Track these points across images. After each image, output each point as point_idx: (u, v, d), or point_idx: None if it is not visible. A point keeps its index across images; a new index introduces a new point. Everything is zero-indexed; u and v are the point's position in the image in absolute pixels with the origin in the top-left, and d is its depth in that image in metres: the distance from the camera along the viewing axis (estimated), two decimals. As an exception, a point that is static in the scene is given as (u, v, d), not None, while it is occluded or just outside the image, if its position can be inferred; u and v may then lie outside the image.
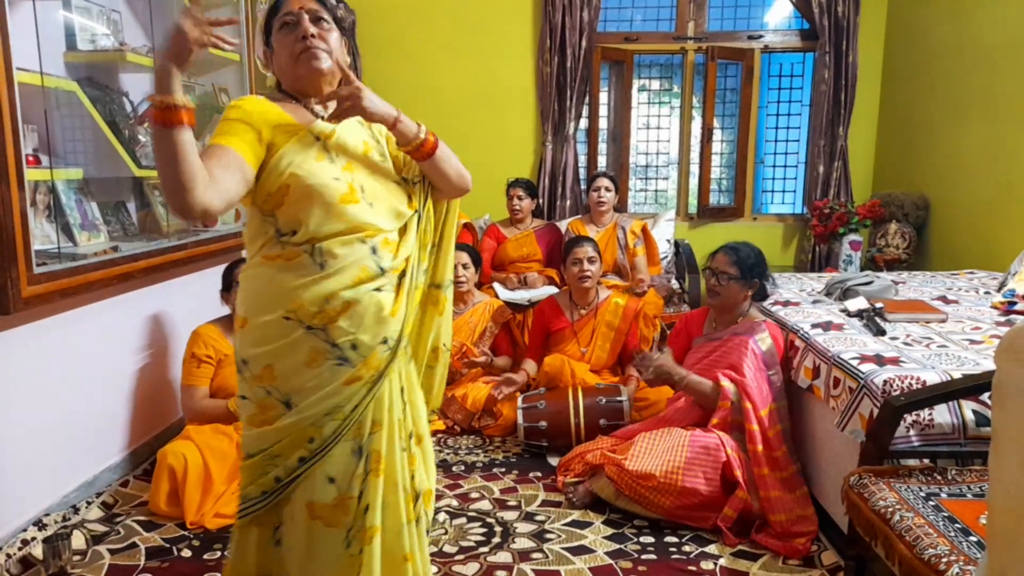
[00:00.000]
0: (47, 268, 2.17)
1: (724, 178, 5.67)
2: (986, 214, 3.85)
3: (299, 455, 1.46)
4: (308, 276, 1.43)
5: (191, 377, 2.63)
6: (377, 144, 1.61)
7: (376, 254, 1.49)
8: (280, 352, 1.44)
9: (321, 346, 1.44)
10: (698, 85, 5.17)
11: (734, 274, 2.55)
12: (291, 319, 1.43)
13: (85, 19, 2.55)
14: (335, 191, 1.44)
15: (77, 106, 2.41)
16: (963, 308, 2.76)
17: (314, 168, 1.44)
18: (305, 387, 1.44)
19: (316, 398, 1.44)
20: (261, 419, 1.48)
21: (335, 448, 1.47)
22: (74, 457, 2.46)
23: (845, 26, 4.67)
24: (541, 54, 4.84)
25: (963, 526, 1.49)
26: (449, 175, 1.58)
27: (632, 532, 2.30)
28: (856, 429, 1.99)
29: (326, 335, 1.44)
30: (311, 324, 1.43)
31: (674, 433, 2.39)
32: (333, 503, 1.48)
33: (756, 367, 2.43)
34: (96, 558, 2.15)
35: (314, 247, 1.44)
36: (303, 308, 1.43)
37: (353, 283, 1.45)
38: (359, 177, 1.51)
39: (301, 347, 1.44)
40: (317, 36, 1.49)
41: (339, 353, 1.45)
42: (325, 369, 1.45)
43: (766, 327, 2.52)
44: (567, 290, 3.41)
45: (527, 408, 2.91)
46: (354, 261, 1.46)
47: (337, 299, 1.44)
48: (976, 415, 1.88)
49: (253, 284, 1.49)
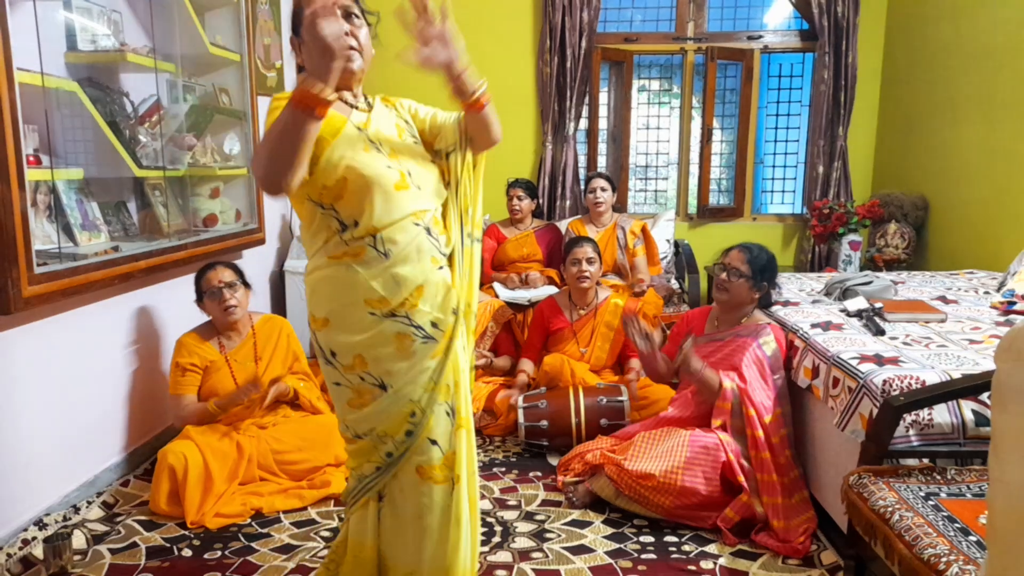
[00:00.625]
0: (48, 268, 2.17)
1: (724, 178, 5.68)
2: (985, 214, 3.85)
3: (405, 429, 1.58)
4: (377, 266, 1.52)
5: (177, 386, 2.63)
6: (408, 126, 1.68)
7: (431, 234, 1.59)
8: (369, 343, 1.54)
9: (406, 331, 1.55)
10: (698, 85, 5.17)
11: (745, 272, 2.52)
12: (375, 313, 1.53)
13: (86, 19, 2.56)
14: (390, 180, 1.53)
15: (78, 106, 2.41)
16: (962, 308, 2.76)
17: (366, 159, 1.52)
18: (397, 369, 1.55)
19: (410, 376, 1.55)
20: (359, 402, 1.59)
21: (432, 414, 1.58)
22: (75, 457, 2.47)
23: (844, 26, 4.68)
24: (541, 54, 4.84)
25: (962, 526, 1.50)
26: (492, 126, 1.62)
27: (632, 532, 2.31)
28: (856, 429, 1.99)
29: (409, 320, 1.55)
30: (395, 313, 1.54)
31: (674, 433, 2.39)
32: (440, 463, 1.60)
33: (759, 372, 2.42)
34: (97, 558, 2.15)
35: (375, 238, 1.52)
36: (382, 299, 1.53)
37: (419, 266, 1.55)
38: (404, 163, 1.58)
39: (388, 335, 1.54)
40: (350, 34, 1.52)
41: (423, 333, 1.56)
42: (414, 350, 1.55)
43: (771, 330, 2.50)
44: (567, 290, 3.42)
45: (528, 407, 2.92)
46: (415, 245, 1.55)
47: (409, 284, 1.54)
48: (975, 415, 1.88)
49: (327, 286, 1.56)
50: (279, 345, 2.81)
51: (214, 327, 2.73)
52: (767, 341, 2.47)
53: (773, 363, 2.44)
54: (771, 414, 2.36)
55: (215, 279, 2.66)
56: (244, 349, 2.73)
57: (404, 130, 1.66)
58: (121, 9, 2.76)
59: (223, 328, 2.71)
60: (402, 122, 1.67)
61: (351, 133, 1.53)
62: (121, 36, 2.73)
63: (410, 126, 1.69)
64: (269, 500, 2.45)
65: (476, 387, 3.28)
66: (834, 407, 2.15)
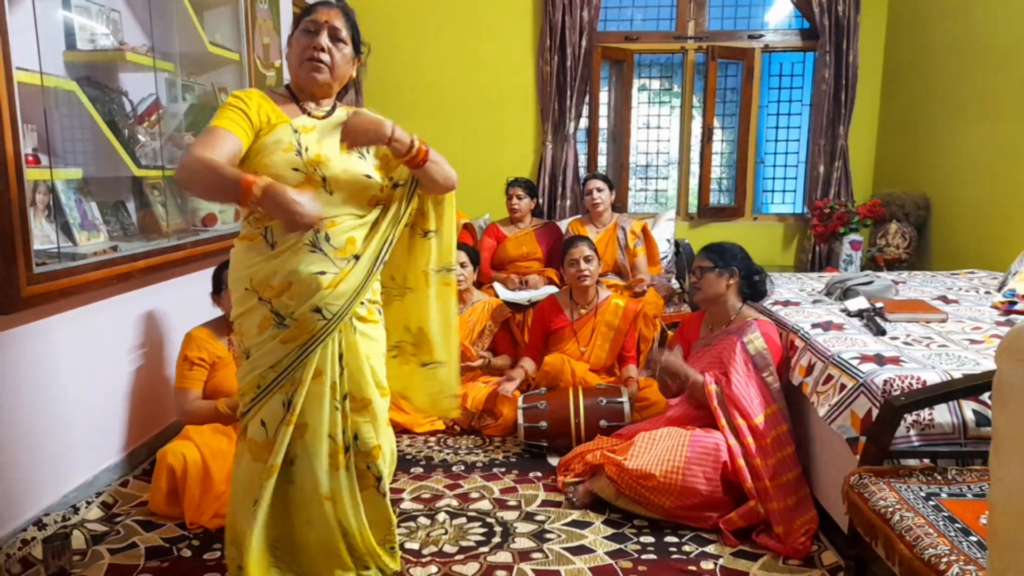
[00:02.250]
0: (46, 268, 2.16)
1: (724, 178, 5.68)
2: (987, 214, 3.85)
3: (251, 396, 1.79)
4: (262, 255, 1.71)
5: (184, 380, 2.63)
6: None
7: (327, 240, 1.71)
8: (243, 316, 1.76)
9: (268, 315, 1.73)
10: (698, 85, 5.17)
11: (707, 265, 2.60)
12: (249, 289, 1.73)
13: (85, 18, 2.55)
14: (290, 180, 1.65)
15: (77, 106, 2.41)
16: (963, 308, 2.76)
17: (276, 159, 1.67)
18: (255, 344, 1.75)
19: (261, 353, 1.74)
20: (238, 364, 1.83)
21: (271, 397, 1.76)
22: (74, 457, 2.46)
23: (846, 25, 4.67)
24: (541, 53, 4.83)
25: (963, 526, 1.49)
26: (437, 179, 1.82)
27: (632, 532, 2.30)
28: (845, 425, 1.99)
29: (271, 306, 1.72)
30: (262, 297, 1.72)
31: (674, 433, 2.38)
32: (261, 443, 1.77)
33: (745, 373, 2.40)
34: (96, 558, 2.15)
35: (267, 228, 1.71)
36: (259, 283, 1.71)
37: (296, 264, 1.69)
38: (325, 170, 1.70)
39: (255, 314, 1.74)
40: (327, 51, 1.72)
41: (280, 320, 1.73)
42: (268, 332, 1.73)
43: (756, 326, 2.50)
44: (567, 289, 3.41)
45: (527, 408, 2.91)
46: (300, 243, 1.69)
47: (279, 277, 1.70)
48: (976, 415, 1.87)
49: (232, 259, 1.79)
50: None
51: (226, 323, 2.73)
52: (752, 339, 2.47)
53: (760, 360, 2.43)
54: (761, 414, 2.34)
55: None
56: None
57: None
58: (120, 8, 2.75)
59: None
60: None
61: (283, 134, 1.68)
62: (120, 35, 2.72)
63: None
64: (268, 500, 2.45)
65: (475, 387, 3.28)
66: (816, 401, 2.16)
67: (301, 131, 1.70)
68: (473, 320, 3.50)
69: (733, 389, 2.37)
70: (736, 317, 2.60)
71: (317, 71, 1.72)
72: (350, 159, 1.75)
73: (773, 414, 2.36)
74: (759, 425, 2.32)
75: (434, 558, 2.14)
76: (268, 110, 1.71)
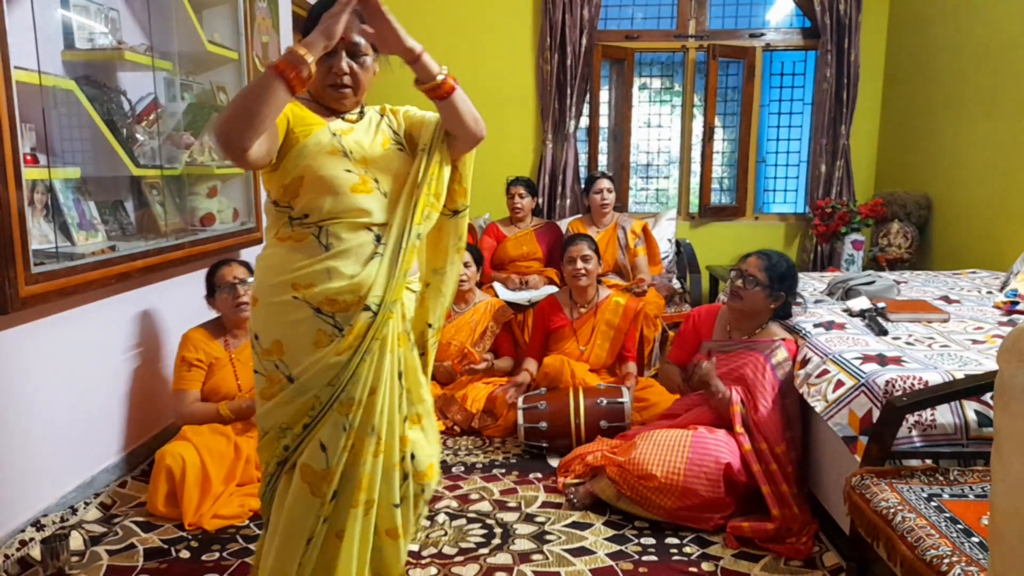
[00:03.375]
0: (45, 268, 2.16)
1: (726, 177, 5.67)
2: (989, 213, 3.84)
3: (303, 423, 1.60)
4: (314, 256, 1.57)
5: (182, 381, 2.63)
6: (396, 135, 1.72)
7: (380, 242, 1.61)
8: (288, 329, 1.57)
9: (328, 329, 1.57)
10: (699, 83, 5.16)
11: (762, 280, 2.45)
12: (298, 298, 1.56)
13: (83, 18, 2.55)
14: (346, 182, 1.58)
15: (75, 105, 2.40)
16: (965, 308, 2.74)
17: (325, 161, 1.58)
18: (308, 361, 1.57)
19: (318, 370, 1.56)
20: (269, 393, 1.61)
21: (328, 416, 1.59)
22: (72, 458, 2.46)
23: (847, 24, 4.66)
24: (541, 52, 4.83)
25: (965, 527, 1.48)
26: (464, 117, 1.63)
27: (633, 533, 2.29)
28: (842, 424, 1.98)
29: (333, 320, 1.57)
30: (318, 307, 1.56)
31: (676, 434, 2.37)
32: (321, 472, 1.59)
33: (772, 400, 2.34)
34: (94, 559, 2.14)
35: (320, 229, 1.58)
36: (310, 286, 1.55)
37: (354, 266, 1.57)
38: (373, 171, 1.63)
39: (307, 327, 1.56)
40: (350, 73, 1.61)
41: (339, 332, 1.57)
42: (327, 348, 1.57)
43: (785, 347, 2.43)
44: (567, 289, 3.40)
45: (528, 409, 2.90)
46: (357, 246, 1.58)
47: (337, 280, 1.55)
48: (978, 415, 1.86)
49: (265, 263, 1.63)
50: None
51: (222, 324, 2.73)
52: (781, 363, 2.40)
53: (786, 386, 2.37)
54: (783, 442, 2.30)
55: (229, 275, 2.68)
56: (248, 349, 2.73)
57: (390, 139, 1.70)
58: (118, 7, 2.75)
59: (231, 326, 2.72)
60: (390, 131, 1.72)
61: (322, 137, 1.59)
62: (118, 34, 2.72)
63: (398, 134, 1.72)
64: (267, 501, 2.44)
65: (475, 388, 3.27)
66: (806, 392, 2.16)
67: (340, 134, 1.62)
68: (475, 321, 3.49)
69: (761, 414, 2.32)
70: (761, 332, 2.53)
71: (343, 97, 1.64)
72: (390, 154, 1.67)
73: (789, 440, 2.34)
74: (780, 454, 2.29)
75: (434, 560, 2.13)
76: (299, 111, 1.61)
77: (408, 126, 1.74)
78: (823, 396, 2.09)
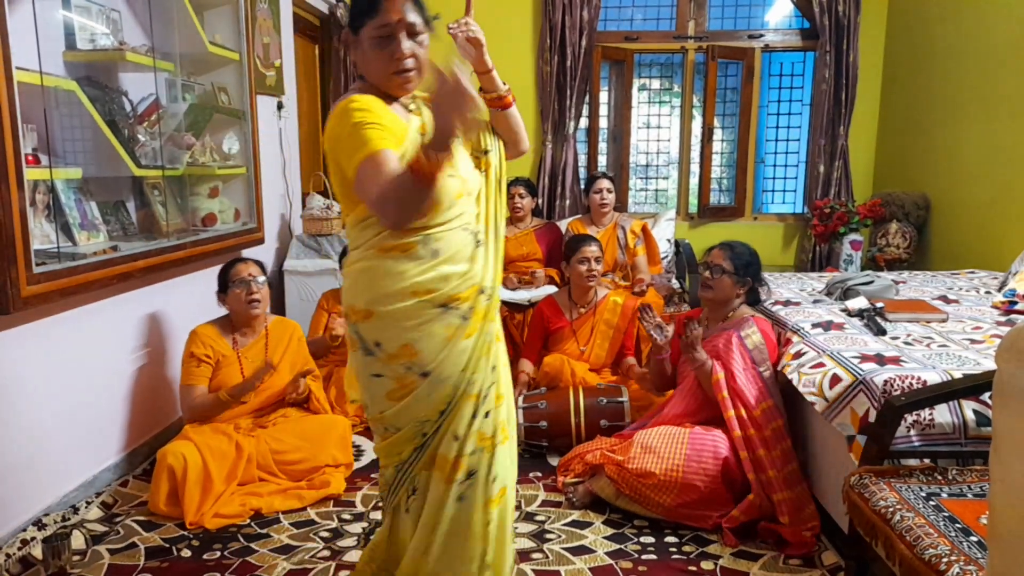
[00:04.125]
0: (46, 268, 2.16)
1: (724, 177, 5.68)
2: (987, 214, 3.85)
3: (440, 409, 1.60)
4: (425, 262, 1.54)
5: (190, 377, 2.64)
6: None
7: (476, 238, 1.63)
8: (416, 331, 1.55)
9: (456, 323, 1.58)
10: (698, 84, 5.17)
11: (728, 269, 2.57)
12: (424, 301, 1.55)
13: (84, 18, 2.55)
14: (452, 188, 1.55)
15: (76, 105, 2.41)
16: (964, 308, 2.75)
17: None
18: (442, 357, 1.57)
19: (452, 359, 1.57)
20: (401, 393, 1.59)
21: (465, 399, 1.61)
22: (73, 457, 2.46)
23: (846, 25, 4.67)
24: (541, 53, 4.83)
25: (964, 526, 1.49)
26: (520, 128, 1.76)
27: (632, 532, 2.30)
28: (845, 423, 1.99)
29: (458, 310, 1.58)
30: (443, 304, 1.56)
31: (674, 431, 2.38)
32: (452, 460, 1.60)
33: (744, 367, 2.43)
34: (96, 558, 2.15)
35: (427, 237, 1.54)
36: (429, 290, 1.54)
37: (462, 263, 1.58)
38: (459, 169, 1.60)
39: (437, 325, 1.56)
40: (412, 56, 1.54)
41: (461, 315, 1.58)
42: (455, 335, 1.58)
43: (754, 322, 2.53)
44: (566, 289, 3.41)
45: (528, 408, 2.91)
46: (460, 247, 1.58)
47: (452, 280, 1.56)
48: (977, 415, 1.87)
49: (371, 276, 1.57)
50: (289, 348, 2.83)
51: (231, 322, 2.74)
52: (749, 333, 2.49)
53: (757, 355, 2.45)
54: (758, 408, 2.35)
55: (244, 271, 2.71)
56: (256, 347, 2.75)
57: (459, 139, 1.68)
58: (120, 8, 2.75)
59: (240, 323, 2.73)
60: None
61: (414, 139, 1.56)
62: (120, 35, 2.72)
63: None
64: (268, 500, 2.45)
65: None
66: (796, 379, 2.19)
67: (422, 132, 1.58)
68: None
69: (736, 381, 2.39)
70: (733, 316, 2.61)
71: (408, 82, 1.57)
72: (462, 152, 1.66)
73: (769, 408, 2.36)
74: (757, 417, 2.33)
75: (434, 558, 2.14)
76: (391, 117, 1.54)
77: None
78: (819, 390, 2.10)
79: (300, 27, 4.42)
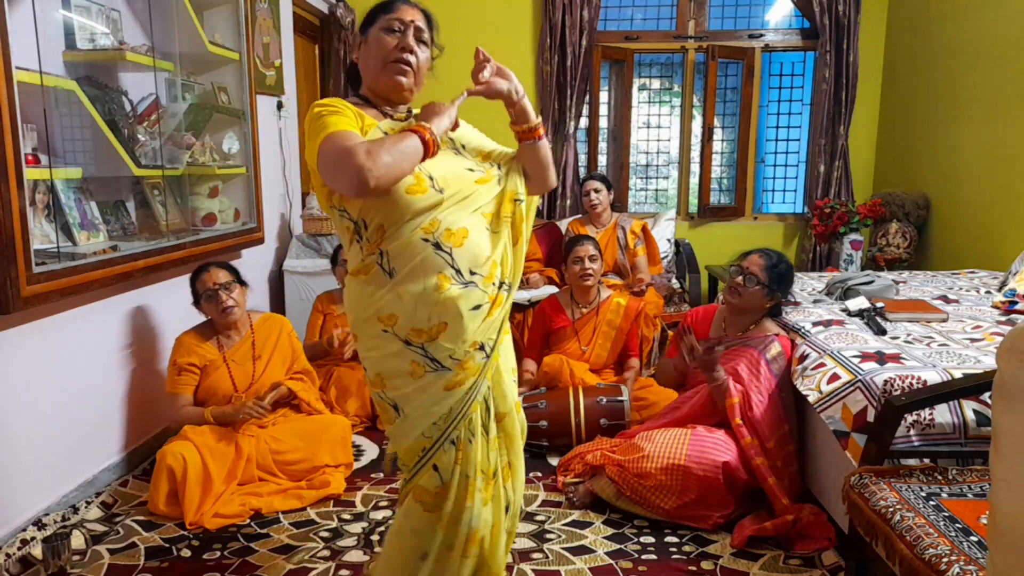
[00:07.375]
0: (46, 268, 2.16)
1: (725, 177, 5.67)
2: (987, 213, 3.85)
3: (416, 459, 1.57)
4: (382, 287, 1.49)
5: (174, 385, 2.63)
6: (451, 140, 1.65)
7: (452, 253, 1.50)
8: (385, 360, 1.52)
9: (420, 360, 1.50)
10: (699, 84, 5.17)
11: (763, 279, 2.48)
12: (389, 332, 1.50)
13: (84, 18, 2.55)
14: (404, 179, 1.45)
15: (76, 105, 2.41)
16: (964, 308, 2.75)
17: None
18: (410, 395, 1.52)
19: (424, 406, 1.52)
20: (387, 419, 1.59)
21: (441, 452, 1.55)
22: (73, 457, 2.46)
23: (846, 25, 4.67)
24: (541, 53, 4.83)
25: (964, 526, 1.49)
26: (548, 163, 1.69)
27: (632, 532, 2.30)
28: (835, 417, 1.99)
29: (424, 352, 1.50)
30: (411, 341, 1.49)
31: (675, 432, 2.38)
32: (435, 490, 1.56)
33: (768, 395, 2.35)
34: (95, 558, 2.15)
35: (381, 252, 1.48)
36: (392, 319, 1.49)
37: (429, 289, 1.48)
38: (430, 168, 1.51)
39: (402, 359, 1.50)
40: (414, 52, 1.56)
41: (437, 366, 1.51)
42: (426, 378, 1.51)
43: (779, 342, 2.45)
44: (568, 289, 3.41)
45: (527, 408, 2.91)
46: (421, 263, 1.47)
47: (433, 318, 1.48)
48: (977, 415, 1.87)
49: (349, 298, 1.58)
50: (279, 344, 2.81)
51: (213, 326, 2.72)
52: (775, 357, 2.42)
53: (782, 381, 2.40)
54: (772, 439, 2.31)
55: (209, 281, 2.64)
56: (243, 348, 2.73)
57: (446, 142, 1.63)
58: (120, 8, 2.75)
59: (222, 328, 2.71)
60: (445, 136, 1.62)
61: (375, 136, 1.49)
62: (120, 35, 2.72)
63: (452, 141, 1.65)
64: (268, 500, 2.45)
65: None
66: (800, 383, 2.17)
67: (390, 132, 1.51)
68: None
69: (755, 412, 2.33)
70: (756, 328, 2.55)
71: (403, 73, 1.55)
72: (447, 154, 1.59)
73: (784, 435, 2.35)
74: (771, 448, 2.31)
75: (434, 558, 2.14)
76: (356, 112, 1.51)
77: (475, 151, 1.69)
78: (816, 387, 2.10)
79: (300, 27, 4.42)
